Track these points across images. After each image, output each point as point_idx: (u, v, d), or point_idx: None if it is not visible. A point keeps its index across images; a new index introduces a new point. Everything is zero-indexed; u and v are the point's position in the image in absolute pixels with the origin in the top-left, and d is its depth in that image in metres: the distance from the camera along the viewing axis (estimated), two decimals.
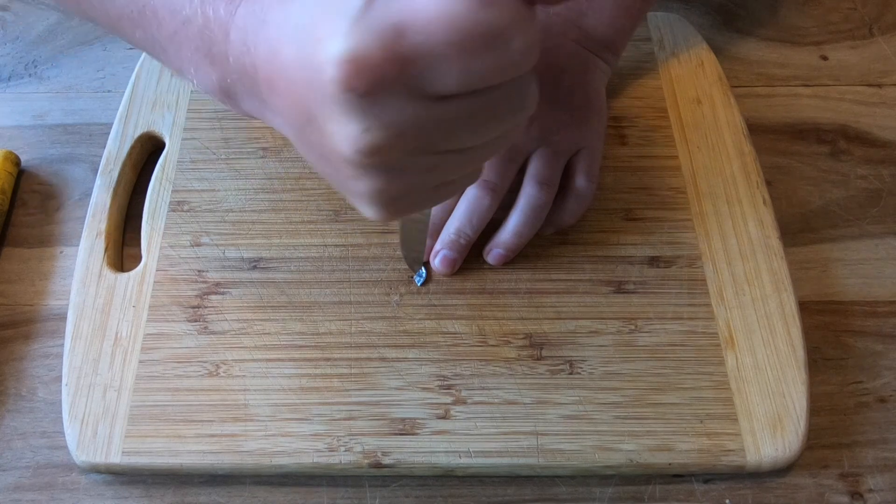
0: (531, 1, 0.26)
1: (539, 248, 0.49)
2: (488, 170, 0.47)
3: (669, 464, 0.42)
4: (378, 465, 0.42)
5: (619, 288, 0.48)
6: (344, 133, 0.27)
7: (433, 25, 0.24)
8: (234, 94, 0.34)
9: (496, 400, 0.44)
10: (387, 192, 0.30)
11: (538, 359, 0.45)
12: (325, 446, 0.42)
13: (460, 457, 0.42)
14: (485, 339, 0.46)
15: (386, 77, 0.25)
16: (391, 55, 0.25)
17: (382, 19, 0.24)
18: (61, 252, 0.51)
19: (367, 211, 0.32)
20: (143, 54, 0.58)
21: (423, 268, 0.48)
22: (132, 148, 0.53)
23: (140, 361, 0.45)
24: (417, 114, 0.27)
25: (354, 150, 0.27)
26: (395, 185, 0.30)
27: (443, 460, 0.42)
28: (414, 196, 0.32)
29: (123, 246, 0.51)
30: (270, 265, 0.48)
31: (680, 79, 0.57)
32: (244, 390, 0.44)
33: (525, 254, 0.48)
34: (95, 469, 0.43)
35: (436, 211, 0.47)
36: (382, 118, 0.26)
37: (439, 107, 0.27)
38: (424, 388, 0.44)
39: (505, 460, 0.42)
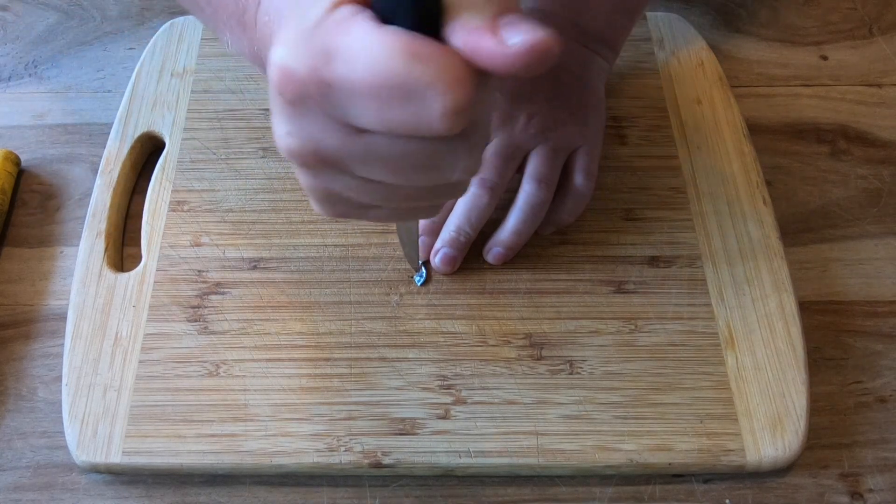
0: (485, 69, 0.26)
1: (539, 248, 0.49)
2: (486, 168, 0.47)
3: (669, 464, 0.42)
4: (378, 465, 0.42)
5: (619, 288, 0.48)
6: (276, 127, 0.29)
7: (357, 63, 0.25)
8: (262, 61, 0.35)
9: (496, 400, 0.44)
10: (314, 192, 0.32)
11: (538, 359, 0.45)
12: (325, 446, 0.42)
13: (460, 457, 0.42)
14: (485, 339, 0.46)
15: (307, 94, 0.26)
16: (314, 76, 0.26)
17: (320, 41, 0.26)
18: (61, 252, 0.51)
19: (310, 201, 0.33)
20: (143, 54, 0.58)
21: (423, 268, 0.48)
22: (132, 148, 0.53)
23: (140, 361, 0.45)
24: (333, 136, 0.28)
25: (280, 146, 0.29)
26: (319, 189, 0.31)
27: (443, 460, 0.42)
28: (343, 206, 0.33)
29: (123, 246, 0.51)
30: (270, 265, 0.48)
31: (680, 79, 0.57)
32: (244, 390, 0.44)
33: (525, 254, 0.48)
34: (95, 469, 0.43)
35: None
36: (302, 128, 0.28)
37: (356, 137, 0.27)
38: (424, 388, 0.44)
39: (505, 460, 0.42)
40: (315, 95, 0.26)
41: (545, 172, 0.47)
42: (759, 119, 0.58)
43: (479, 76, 0.26)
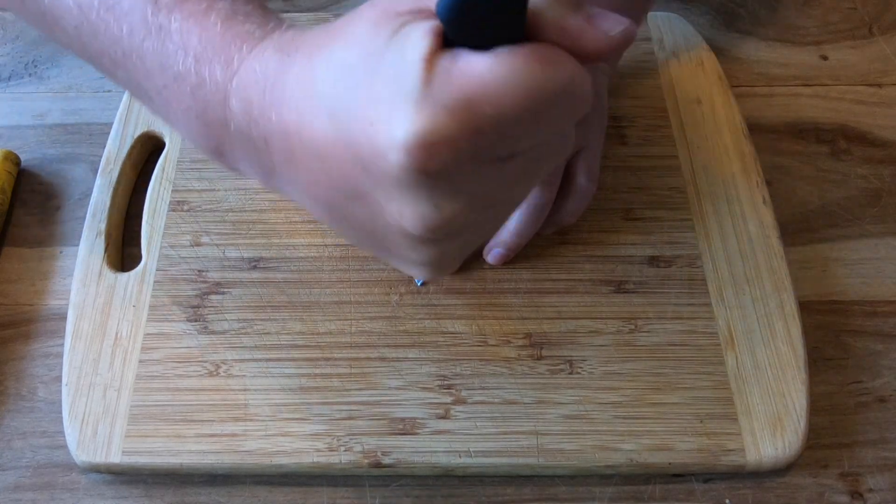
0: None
1: (539, 248, 0.49)
2: None
3: (669, 463, 0.42)
4: (378, 465, 0.42)
5: (619, 288, 0.48)
6: (411, 212, 0.26)
7: (502, 94, 0.24)
8: (232, 159, 0.33)
9: (496, 400, 0.44)
10: (446, 256, 0.30)
11: (538, 358, 0.45)
12: (325, 446, 0.42)
13: (460, 457, 0.42)
14: (485, 339, 0.46)
15: (459, 154, 0.24)
16: (464, 132, 0.24)
17: (448, 96, 0.24)
18: (61, 252, 0.51)
19: (418, 274, 0.32)
20: None
21: None
22: (132, 148, 0.53)
23: (140, 361, 0.45)
24: (486, 178, 0.26)
25: (424, 228, 0.27)
26: (453, 249, 0.30)
27: (443, 460, 0.42)
28: (460, 256, 0.32)
29: (123, 246, 0.51)
30: (270, 265, 0.48)
31: (680, 79, 0.57)
32: (244, 390, 0.44)
33: (525, 254, 0.48)
34: (95, 469, 0.43)
35: None
36: (453, 192, 0.26)
37: (506, 166, 0.26)
38: (424, 388, 0.44)
39: (505, 460, 0.42)
40: (466, 151, 0.24)
41: (547, 174, 0.47)
42: (759, 119, 0.58)
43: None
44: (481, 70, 0.24)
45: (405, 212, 0.27)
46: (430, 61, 0.24)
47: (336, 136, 0.27)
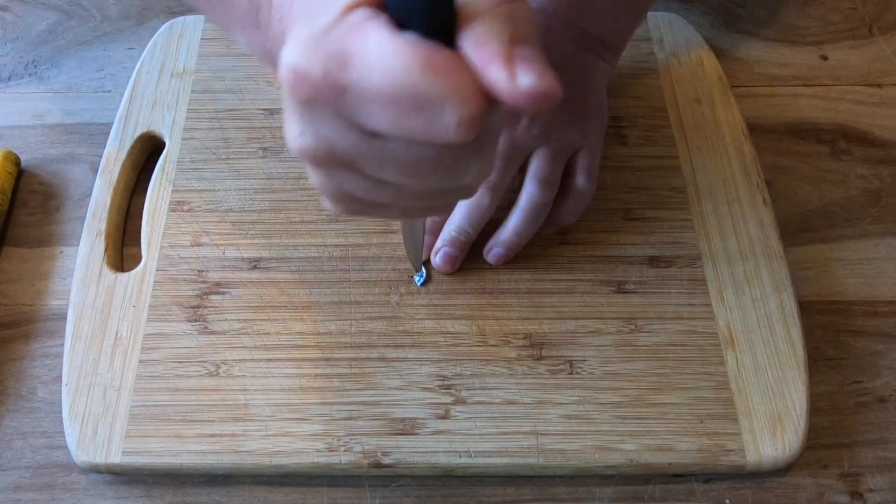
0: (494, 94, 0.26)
1: (539, 248, 0.49)
2: None
3: (669, 464, 0.42)
4: (378, 465, 0.42)
5: (619, 288, 0.48)
6: (288, 127, 0.29)
7: (372, 70, 0.25)
8: (275, 60, 0.34)
9: (496, 400, 0.44)
10: (327, 190, 0.32)
11: (538, 359, 0.45)
12: (325, 446, 0.42)
13: (460, 457, 0.42)
14: (485, 339, 0.46)
15: (320, 96, 0.26)
16: (328, 80, 0.26)
17: (335, 44, 0.26)
18: (61, 252, 0.51)
19: (322, 200, 0.33)
20: (143, 54, 0.58)
21: (423, 268, 0.48)
22: (132, 148, 0.53)
23: (140, 361, 0.45)
24: (347, 137, 0.28)
25: (292, 146, 0.29)
26: (331, 188, 0.31)
27: (443, 460, 0.42)
28: (355, 204, 0.33)
29: (123, 246, 0.51)
30: (270, 265, 0.48)
31: (680, 79, 0.57)
32: (244, 390, 0.44)
33: (525, 254, 0.48)
34: (95, 469, 0.43)
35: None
36: (315, 128, 0.28)
37: (370, 139, 0.28)
38: (424, 388, 0.44)
39: (505, 460, 0.42)
40: (328, 98, 0.26)
41: (547, 173, 0.47)
42: (759, 119, 0.58)
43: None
44: (374, 41, 0.25)
45: (285, 123, 0.29)
46: (347, 12, 0.26)
47: (283, 40, 0.29)
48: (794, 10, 0.65)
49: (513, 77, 0.25)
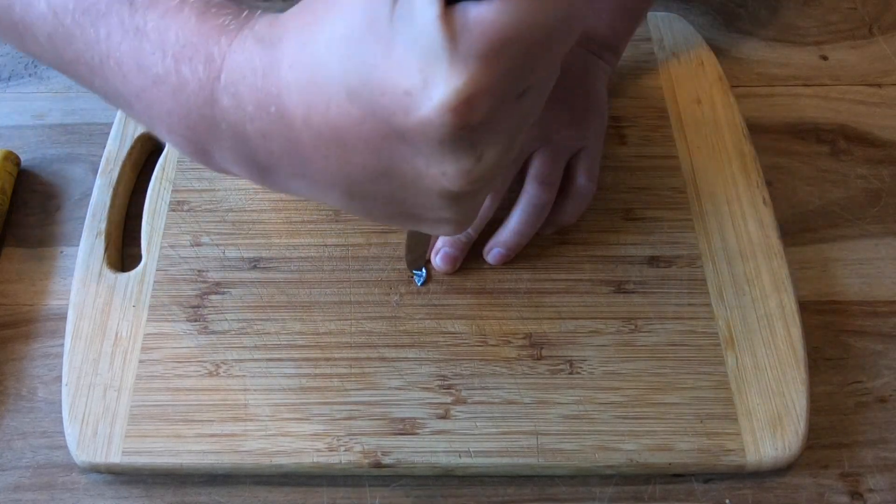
0: None
1: (539, 248, 0.49)
2: None
3: (669, 464, 0.42)
4: (378, 465, 0.42)
5: (619, 288, 0.48)
6: (455, 170, 0.26)
7: (520, 32, 0.23)
8: (221, 159, 0.31)
9: (496, 400, 0.44)
10: (475, 207, 0.31)
11: (538, 359, 0.45)
12: (325, 446, 0.42)
13: (460, 457, 0.42)
14: (485, 339, 0.46)
15: (496, 99, 0.24)
16: (498, 76, 0.24)
17: (475, 47, 0.23)
18: (61, 252, 0.51)
19: (446, 231, 0.32)
20: None
21: (423, 268, 0.48)
22: (132, 148, 0.53)
23: (140, 361, 0.45)
24: (513, 118, 0.26)
25: (468, 182, 0.27)
26: (480, 199, 0.30)
27: (443, 460, 0.42)
28: (475, 212, 0.32)
29: (123, 246, 0.51)
30: (270, 265, 0.48)
31: (680, 79, 0.57)
32: (244, 390, 0.44)
33: (525, 254, 0.48)
34: (95, 469, 0.43)
35: None
36: (493, 138, 0.26)
37: (523, 100, 0.26)
38: (424, 388, 0.44)
39: (505, 460, 0.42)
40: (500, 95, 0.25)
41: (548, 174, 0.47)
42: (759, 119, 0.58)
43: None
44: (493, 15, 0.23)
45: (448, 170, 0.26)
46: (446, 19, 0.23)
47: (361, 115, 0.26)
48: (794, 10, 0.65)
49: None
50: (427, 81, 0.24)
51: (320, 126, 0.27)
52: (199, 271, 0.48)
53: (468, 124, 0.24)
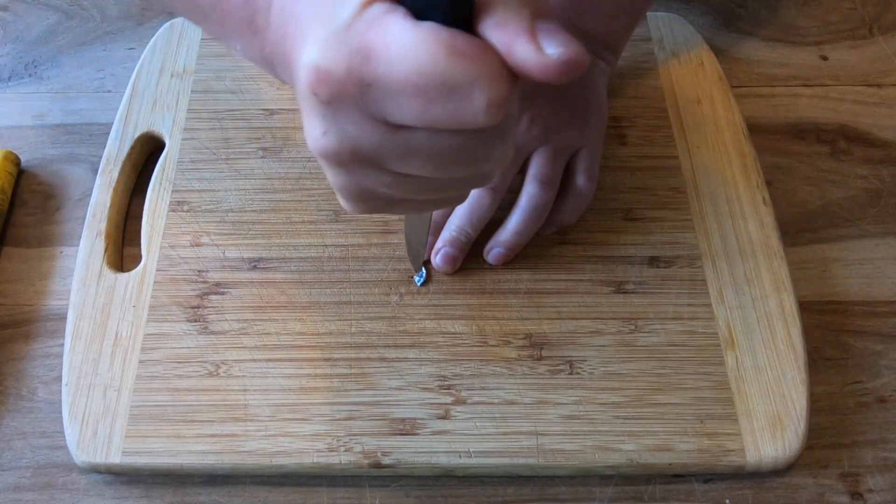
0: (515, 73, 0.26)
1: (539, 248, 0.49)
2: None
3: (670, 464, 0.42)
4: (378, 465, 0.42)
5: (619, 288, 0.48)
6: (309, 128, 0.29)
7: (397, 62, 0.25)
8: (274, 65, 0.34)
9: (496, 400, 0.44)
10: (347, 189, 0.32)
11: (538, 359, 0.45)
12: (325, 446, 0.42)
13: (460, 457, 0.42)
14: (485, 339, 0.46)
15: (344, 93, 0.26)
16: (352, 76, 0.26)
17: (356, 40, 0.26)
18: (61, 252, 0.51)
19: (339, 199, 0.33)
20: (143, 54, 0.58)
21: (423, 268, 0.48)
22: (132, 148, 0.53)
23: (140, 361, 0.45)
24: (372, 133, 0.28)
25: (314, 147, 0.29)
26: (353, 186, 0.31)
27: (443, 460, 0.42)
28: (375, 202, 0.33)
29: (123, 246, 0.51)
30: (270, 265, 0.48)
31: (680, 79, 0.57)
32: (244, 390, 0.44)
33: (525, 254, 0.48)
34: (95, 469, 0.43)
35: (436, 210, 0.47)
36: (339, 127, 0.28)
37: (394, 133, 0.28)
38: (424, 388, 0.44)
39: (505, 460, 0.42)
40: (353, 94, 0.26)
41: (548, 174, 0.47)
42: (759, 119, 0.58)
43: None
44: (396, 33, 0.25)
45: (306, 125, 0.29)
46: (365, 8, 0.26)
47: (294, 39, 0.29)
48: (794, 10, 0.65)
49: (540, 50, 0.25)
50: (312, 39, 0.27)
51: (292, 39, 0.30)
52: (199, 271, 0.48)
53: (313, 91, 0.27)
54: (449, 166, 0.29)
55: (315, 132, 0.29)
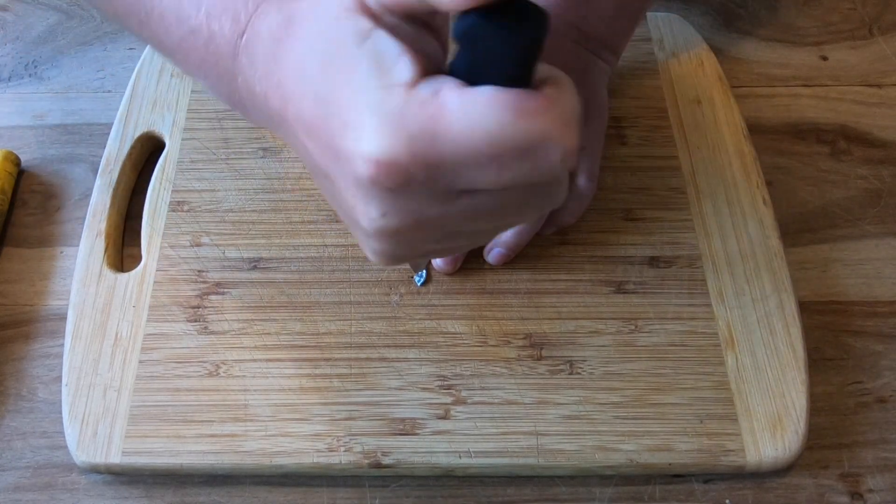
0: None
1: (539, 248, 0.49)
2: None
3: (669, 464, 0.42)
4: (378, 465, 0.42)
5: (619, 288, 0.48)
6: (362, 211, 0.28)
7: (463, 137, 0.24)
8: (244, 108, 0.34)
9: (496, 400, 0.44)
10: (391, 254, 0.32)
11: (538, 359, 0.45)
12: (325, 446, 0.42)
13: (460, 457, 0.42)
14: (485, 339, 0.46)
15: (413, 178, 0.26)
16: (418, 161, 0.25)
17: (416, 122, 0.25)
18: (61, 252, 0.51)
19: (367, 252, 0.33)
20: (143, 55, 0.58)
21: (423, 268, 0.48)
22: (132, 148, 0.53)
23: (140, 361, 0.45)
24: (439, 208, 0.27)
25: (370, 227, 0.28)
26: (400, 251, 0.31)
27: (443, 460, 0.42)
28: (412, 258, 0.33)
29: (123, 246, 0.51)
30: (270, 265, 0.48)
31: (680, 79, 0.57)
32: (244, 390, 0.44)
33: (525, 254, 0.48)
34: (95, 469, 0.43)
35: None
36: (402, 207, 0.27)
37: (462, 200, 0.27)
38: (424, 388, 0.44)
39: (505, 460, 0.42)
40: (420, 178, 0.26)
41: None
42: (759, 119, 0.58)
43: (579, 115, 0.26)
44: (455, 107, 0.24)
45: (358, 207, 0.28)
46: (414, 86, 0.25)
47: (321, 120, 0.28)
48: (794, 10, 0.65)
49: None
50: (364, 127, 0.25)
51: (296, 112, 0.29)
52: (199, 271, 0.48)
53: (377, 183, 0.26)
54: (513, 217, 0.29)
55: (373, 214, 0.28)
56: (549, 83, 0.26)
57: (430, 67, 0.26)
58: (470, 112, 0.24)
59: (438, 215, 0.28)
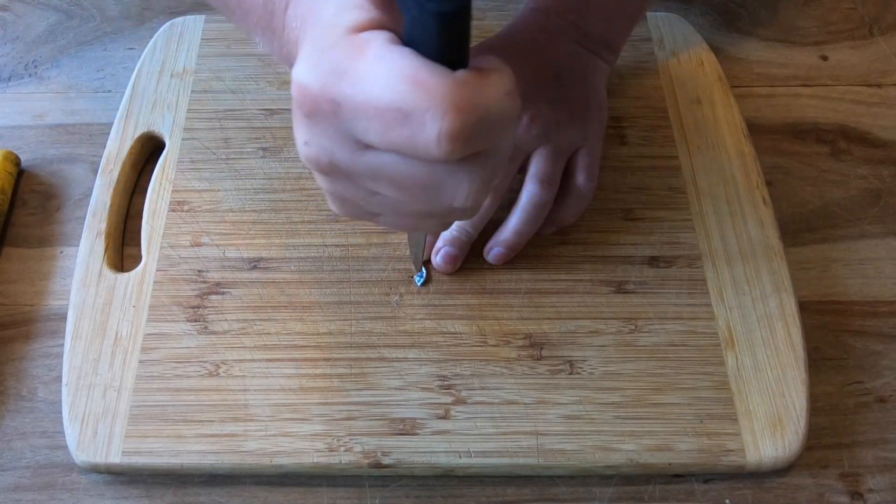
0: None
1: (539, 248, 0.49)
2: None
3: (669, 464, 0.42)
4: (378, 465, 0.42)
5: (619, 288, 0.48)
6: (295, 135, 0.31)
7: (363, 83, 0.27)
8: (291, 63, 0.36)
9: (496, 400, 0.44)
10: (331, 194, 0.34)
11: (538, 359, 0.45)
12: (325, 446, 0.42)
13: (460, 457, 0.42)
14: (485, 339, 0.46)
15: (320, 109, 0.28)
16: (325, 93, 0.28)
17: (335, 60, 0.28)
18: (61, 252, 0.51)
19: (327, 201, 0.35)
20: (143, 54, 0.58)
21: (423, 268, 0.48)
22: (132, 148, 0.53)
23: (140, 361, 0.45)
24: (344, 149, 0.29)
25: (299, 153, 0.31)
26: (335, 193, 0.33)
27: (443, 460, 0.42)
28: (354, 210, 0.34)
29: (123, 246, 0.51)
30: (270, 265, 0.48)
31: (680, 79, 0.57)
32: (244, 390, 0.44)
33: (525, 254, 0.48)
34: (95, 469, 0.43)
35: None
36: (317, 139, 0.30)
37: (364, 152, 0.29)
38: (424, 388, 0.44)
39: (505, 460, 0.42)
40: (326, 111, 0.28)
41: (548, 173, 0.47)
42: (759, 119, 0.58)
43: (484, 109, 0.27)
44: (370, 57, 0.27)
45: (294, 135, 0.31)
46: (356, 33, 0.28)
47: (297, 50, 0.31)
48: (794, 10, 0.65)
49: None
50: (302, 53, 0.29)
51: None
52: (199, 271, 0.48)
53: (299, 105, 0.29)
54: (416, 194, 0.30)
55: (299, 141, 0.30)
56: (477, 71, 0.27)
57: (391, 26, 0.28)
58: (377, 66, 0.27)
59: (349, 162, 0.30)
